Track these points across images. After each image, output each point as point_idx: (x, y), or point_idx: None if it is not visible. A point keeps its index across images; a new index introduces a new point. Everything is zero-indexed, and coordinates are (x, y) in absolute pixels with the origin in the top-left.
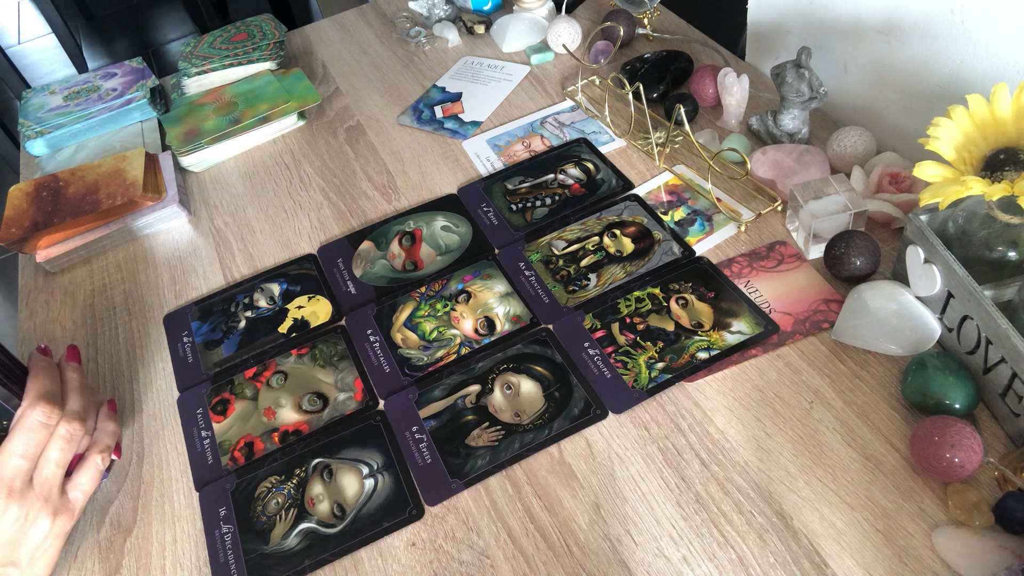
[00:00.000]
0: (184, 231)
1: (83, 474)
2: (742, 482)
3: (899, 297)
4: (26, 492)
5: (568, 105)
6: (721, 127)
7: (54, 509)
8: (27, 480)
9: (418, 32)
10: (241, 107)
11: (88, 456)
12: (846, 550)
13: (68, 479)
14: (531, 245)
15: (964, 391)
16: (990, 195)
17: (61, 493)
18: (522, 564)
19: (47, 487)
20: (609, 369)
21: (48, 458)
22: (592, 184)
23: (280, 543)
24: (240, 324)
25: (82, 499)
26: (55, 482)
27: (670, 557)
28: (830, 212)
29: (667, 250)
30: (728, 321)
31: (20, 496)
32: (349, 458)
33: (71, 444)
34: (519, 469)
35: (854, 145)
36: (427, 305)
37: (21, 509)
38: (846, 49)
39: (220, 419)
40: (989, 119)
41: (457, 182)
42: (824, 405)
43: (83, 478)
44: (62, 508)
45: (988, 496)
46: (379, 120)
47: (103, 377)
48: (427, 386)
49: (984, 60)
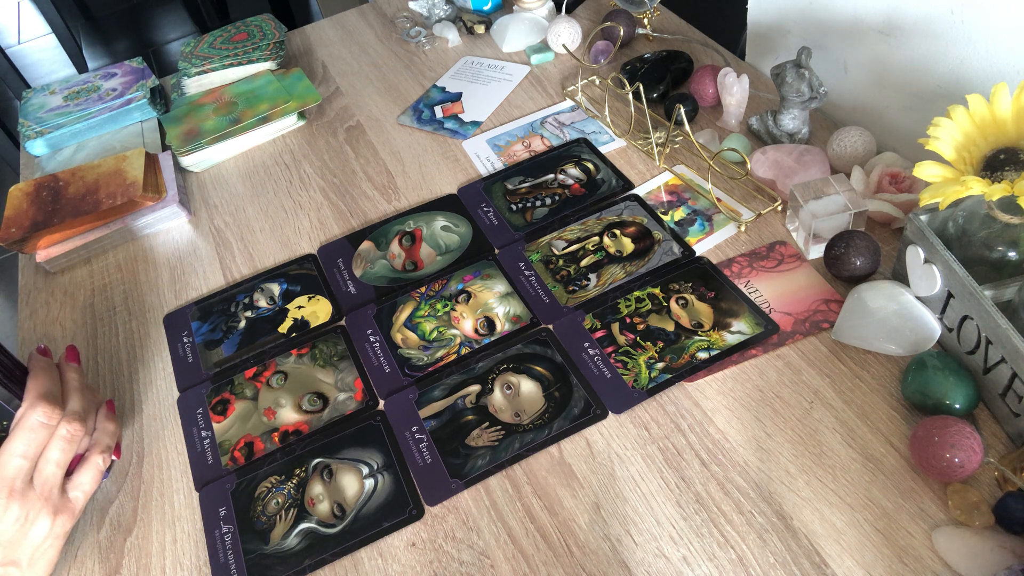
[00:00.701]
0: (184, 231)
1: (83, 474)
2: (742, 482)
3: (899, 297)
4: (27, 492)
5: (568, 105)
6: (721, 127)
7: (54, 509)
8: (28, 480)
9: (418, 32)
10: (241, 107)
11: (89, 456)
12: (846, 550)
13: (68, 479)
14: (531, 245)
15: (964, 391)
16: (990, 195)
17: (61, 493)
18: (522, 564)
19: (47, 487)
20: (609, 369)
21: (49, 458)
22: (592, 184)
23: (280, 543)
24: (240, 324)
25: (82, 499)
26: (55, 482)
27: (670, 557)
28: (830, 212)
29: (667, 250)
30: (728, 321)
31: (21, 496)
32: (349, 458)
33: (72, 444)
34: (519, 469)
35: (854, 145)
36: (427, 305)
37: (22, 509)
38: (846, 49)
39: (220, 419)
40: (989, 119)
41: (457, 182)
42: (824, 405)
43: (83, 478)
44: (62, 508)
45: (988, 496)
46: (379, 120)
47: (103, 377)
48: (427, 386)
49: (984, 60)
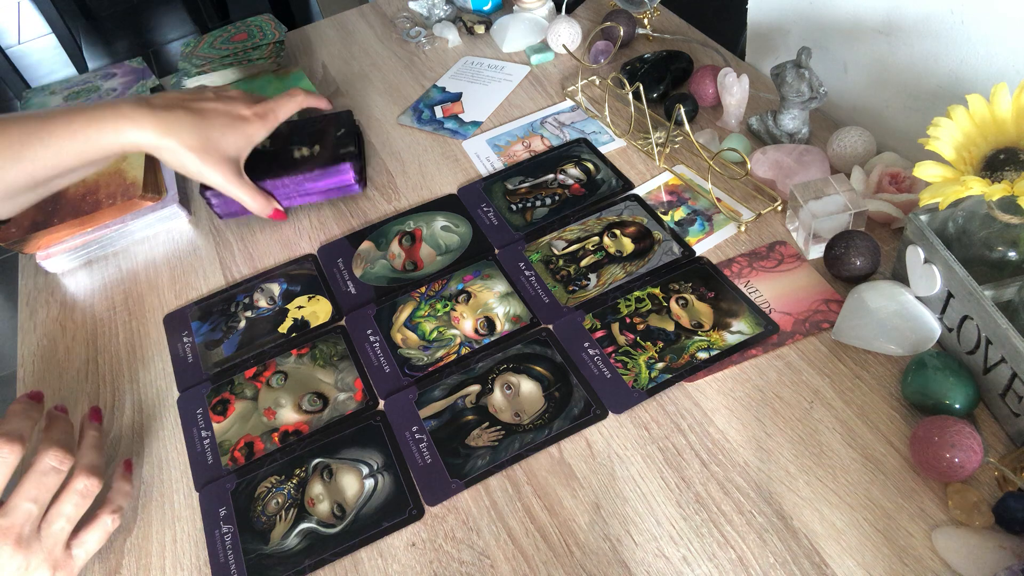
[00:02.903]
0: (184, 231)
1: (91, 532)
2: (742, 482)
3: (899, 297)
4: (32, 542)
5: (568, 105)
6: (721, 127)
7: (55, 564)
8: (35, 528)
9: (418, 32)
10: None
11: (99, 515)
12: (846, 550)
13: (74, 535)
14: (531, 245)
15: (964, 391)
16: (990, 195)
17: (65, 548)
18: (522, 564)
19: (53, 541)
20: (609, 369)
21: (61, 512)
22: (592, 184)
23: (280, 543)
24: (240, 324)
25: (84, 558)
26: (62, 537)
27: (670, 557)
28: (830, 212)
29: (667, 250)
30: (728, 321)
31: (27, 545)
32: (349, 458)
33: (86, 500)
34: (519, 469)
35: (854, 145)
36: (427, 305)
37: (25, 559)
38: (846, 49)
39: (220, 419)
40: (989, 119)
41: (457, 182)
42: (824, 405)
43: (90, 536)
44: (63, 564)
45: (988, 496)
46: (379, 120)
47: (103, 377)
48: (427, 386)
49: (984, 60)
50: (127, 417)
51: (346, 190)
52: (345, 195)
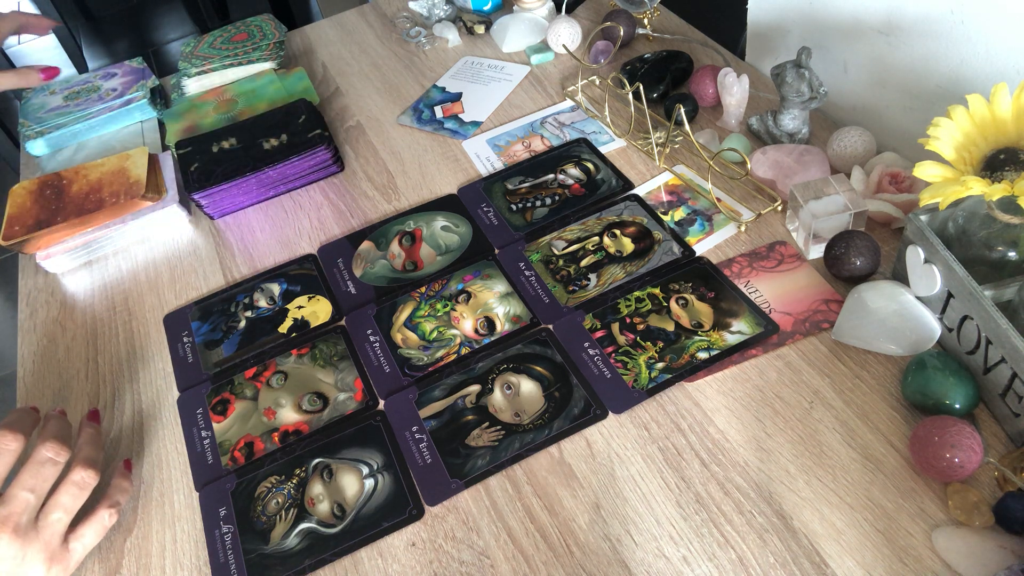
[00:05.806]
0: (184, 231)
1: (88, 527)
2: (742, 482)
3: (899, 297)
4: (29, 532)
5: (568, 105)
6: (721, 127)
7: (51, 556)
8: (32, 517)
9: (418, 32)
10: (240, 105)
11: (97, 510)
12: (846, 550)
13: (72, 530)
14: (531, 245)
15: (964, 391)
16: (990, 195)
17: (62, 542)
18: (522, 564)
19: (51, 532)
20: (609, 369)
21: (58, 502)
22: (592, 184)
23: (280, 543)
24: (240, 324)
25: (81, 552)
26: (60, 529)
27: (670, 557)
28: (830, 212)
29: (667, 250)
30: (728, 321)
31: (23, 535)
32: (349, 458)
33: (84, 491)
34: (519, 469)
35: (854, 145)
36: (427, 305)
37: (21, 549)
38: (846, 49)
39: (220, 419)
40: (989, 119)
41: (457, 182)
42: (824, 405)
43: (88, 531)
44: (59, 557)
45: (988, 496)
46: (379, 120)
47: (103, 377)
48: (427, 386)
49: (984, 60)
50: (127, 417)
51: (327, 170)
52: (328, 176)
